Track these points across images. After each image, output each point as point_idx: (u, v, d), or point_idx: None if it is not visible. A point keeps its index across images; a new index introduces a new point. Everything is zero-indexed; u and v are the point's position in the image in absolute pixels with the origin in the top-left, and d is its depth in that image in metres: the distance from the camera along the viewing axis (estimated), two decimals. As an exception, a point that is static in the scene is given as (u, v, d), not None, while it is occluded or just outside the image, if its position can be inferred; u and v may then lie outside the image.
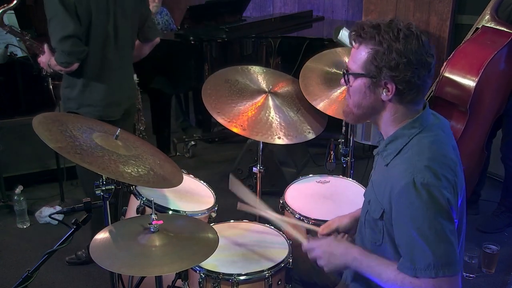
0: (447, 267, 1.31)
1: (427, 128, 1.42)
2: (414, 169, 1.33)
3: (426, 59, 1.36)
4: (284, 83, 2.40)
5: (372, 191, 1.51)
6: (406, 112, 1.43)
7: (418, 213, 1.31)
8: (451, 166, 1.37)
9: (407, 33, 1.34)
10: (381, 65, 1.36)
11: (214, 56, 3.87)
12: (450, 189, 1.34)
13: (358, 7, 4.94)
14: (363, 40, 1.39)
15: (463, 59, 2.76)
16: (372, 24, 1.38)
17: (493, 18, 2.82)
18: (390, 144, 1.45)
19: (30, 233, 3.20)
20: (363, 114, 1.48)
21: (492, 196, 3.40)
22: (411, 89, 1.38)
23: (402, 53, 1.33)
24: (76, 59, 2.33)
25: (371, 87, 1.41)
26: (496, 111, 2.87)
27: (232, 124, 2.13)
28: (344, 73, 1.47)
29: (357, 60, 1.41)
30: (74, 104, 2.47)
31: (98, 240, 1.54)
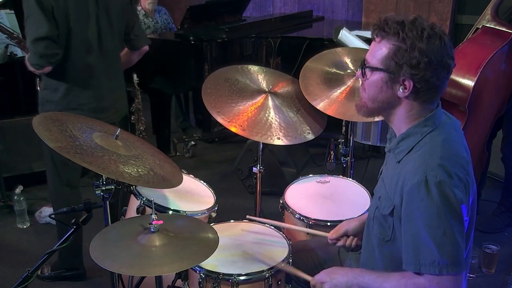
0: (452, 266, 1.31)
1: (439, 126, 1.43)
2: (426, 167, 1.34)
3: (447, 61, 1.37)
4: (284, 83, 2.40)
5: (383, 187, 1.51)
6: (420, 111, 1.43)
7: (428, 211, 1.32)
8: (463, 165, 1.38)
9: (431, 33, 1.35)
10: (401, 62, 1.36)
11: (214, 56, 3.87)
12: (462, 187, 1.35)
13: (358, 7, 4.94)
14: (386, 35, 1.38)
15: (462, 58, 2.76)
16: (397, 20, 1.38)
17: (494, 18, 2.82)
18: (403, 141, 1.46)
19: (30, 233, 3.20)
20: (377, 108, 1.48)
21: (492, 196, 3.40)
22: (428, 88, 1.38)
23: (425, 52, 1.34)
24: (48, 62, 2.26)
25: (389, 82, 1.41)
26: (496, 112, 2.87)
27: (231, 124, 2.13)
28: (362, 66, 1.46)
29: (377, 55, 1.41)
30: (56, 107, 2.40)
31: (98, 240, 1.54)
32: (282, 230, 2.03)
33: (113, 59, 2.51)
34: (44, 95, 2.44)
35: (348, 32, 3.18)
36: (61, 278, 2.71)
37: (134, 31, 2.57)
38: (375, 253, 1.55)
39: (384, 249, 1.51)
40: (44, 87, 2.43)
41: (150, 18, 4.47)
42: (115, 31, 2.46)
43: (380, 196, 1.51)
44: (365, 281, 1.46)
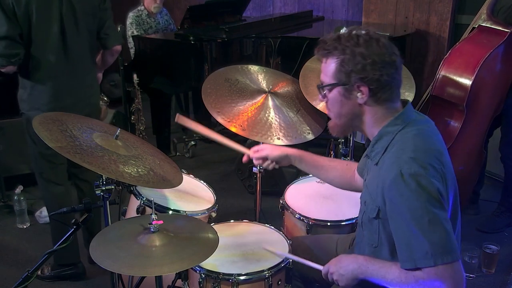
0: (445, 255, 1.33)
1: (410, 124, 1.48)
2: (400, 162, 1.38)
3: (390, 58, 1.45)
4: (284, 83, 2.40)
5: (367, 192, 1.54)
6: (385, 112, 1.49)
7: (409, 203, 1.34)
8: (437, 156, 1.41)
9: (366, 38, 1.44)
10: (349, 70, 1.44)
11: (214, 56, 3.87)
12: (438, 177, 1.37)
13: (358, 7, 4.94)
14: (329, 53, 1.48)
15: (459, 58, 2.77)
16: (333, 37, 1.48)
17: (489, 17, 2.83)
18: (377, 144, 1.51)
19: (30, 233, 3.20)
20: (347, 122, 1.55)
21: (492, 196, 3.40)
22: (383, 87, 1.45)
23: (365, 55, 1.42)
24: (8, 62, 2.26)
25: (346, 93, 1.48)
26: (494, 110, 2.87)
27: (231, 124, 2.13)
28: (319, 88, 1.54)
29: (328, 72, 1.50)
30: (25, 106, 2.44)
31: (98, 240, 1.54)
32: (282, 229, 2.04)
33: (78, 58, 2.46)
34: (19, 93, 2.49)
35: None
36: (61, 277, 2.71)
37: (104, 30, 2.54)
38: None
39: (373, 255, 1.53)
40: (20, 86, 2.47)
41: (152, 18, 4.48)
42: (83, 30, 2.43)
43: (366, 201, 1.55)
44: (369, 271, 1.48)
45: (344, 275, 1.52)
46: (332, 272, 1.57)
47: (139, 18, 4.40)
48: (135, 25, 4.36)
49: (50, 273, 2.70)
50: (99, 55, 2.68)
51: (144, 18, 4.42)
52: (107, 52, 2.64)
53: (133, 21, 4.36)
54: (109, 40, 2.58)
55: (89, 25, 2.46)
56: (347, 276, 1.52)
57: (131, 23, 4.36)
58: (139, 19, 4.39)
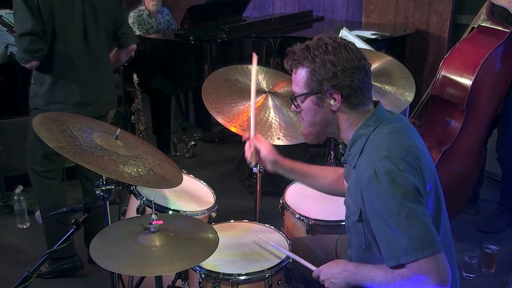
0: (425, 248, 1.33)
1: (382, 123, 1.49)
2: (373, 161, 1.39)
3: (360, 63, 1.46)
4: (284, 83, 2.40)
5: (349, 196, 1.55)
6: (358, 116, 1.50)
7: (385, 201, 1.35)
8: (411, 151, 1.41)
9: (335, 45, 1.45)
10: (320, 78, 1.45)
11: (214, 56, 3.87)
12: (414, 172, 1.38)
13: (358, 7, 4.94)
14: (298, 63, 1.49)
15: (459, 58, 2.77)
16: (301, 47, 1.49)
17: (489, 17, 2.83)
18: (352, 148, 1.52)
19: (30, 233, 3.20)
20: (320, 130, 1.56)
21: (492, 196, 3.40)
22: (354, 92, 1.46)
23: (335, 62, 1.44)
24: (33, 57, 2.31)
25: (319, 101, 1.50)
26: (493, 110, 2.87)
27: (231, 124, 2.13)
28: (292, 98, 1.55)
29: (299, 82, 1.51)
30: (42, 101, 2.46)
31: (98, 240, 1.54)
32: (281, 229, 2.04)
33: (99, 55, 2.55)
34: (33, 89, 2.50)
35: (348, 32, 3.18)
36: (60, 271, 2.71)
37: (121, 29, 2.64)
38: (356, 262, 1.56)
39: (363, 257, 1.54)
40: (34, 82, 2.49)
41: (153, 18, 4.48)
42: (102, 29, 2.52)
43: (349, 204, 1.56)
44: (360, 278, 1.48)
45: (336, 283, 1.53)
46: (323, 280, 1.57)
47: (140, 18, 4.40)
48: (137, 24, 4.36)
49: (48, 269, 2.70)
50: (112, 54, 2.75)
51: (145, 18, 4.43)
52: (123, 50, 2.73)
53: (135, 21, 4.36)
54: (126, 39, 2.69)
55: (107, 24, 2.55)
56: (339, 285, 1.52)
57: (132, 23, 4.36)
58: (140, 19, 4.40)
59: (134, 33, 4.30)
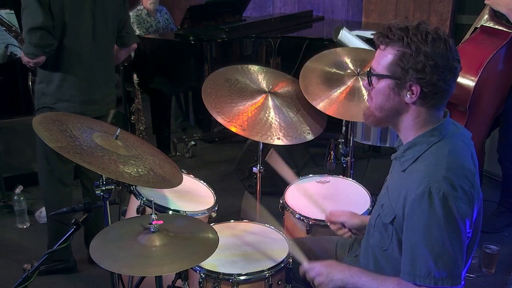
0: (447, 279, 1.31)
1: (446, 136, 1.42)
2: (431, 178, 1.33)
3: (453, 64, 1.37)
4: (284, 83, 2.40)
5: (387, 196, 1.50)
6: (428, 118, 1.43)
7: (429, 223, 1.31)
8: (468, 177, 1.37)
9: (435, 37, 1.35)
10: (407, 67, 1.36)
11: (214, 56, 3.87)
12: (466, 200, 1.33)
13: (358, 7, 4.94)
14: (390, 41, 1.39)
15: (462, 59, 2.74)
16: (400, 26, 1.38)
17: (492, 17, 2.82)
18: (409, 151, 1.45)
19: (30, 233, 3.20)
20: (385, 117, 1.47)
21: (492, 196, 3.40)
22: (436, 92, 1.38)
23: (430, 55, 1.34)
24: (43, 52, 2.32)
25: (396, 89, 1.40)
26: (495, 111, 2.87)
27: (231, 124, 2.13)
28: (368, 74, 1.46)
29: (383, 61, 1.41)
30: (50, 99, 2.46)
31: (98, 240, 1.54)
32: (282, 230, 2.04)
33: (106, 53, 2.60)
34: (39, 88, 2.50)
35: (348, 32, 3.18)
36: (53, 271, 2.71)
37: (125, 29, 2.68)
38: (372, 260, 1.55)
39: (381, 257, 1.51)
40: (39, 81, 2.49)
41: (152, 17, 4.48)
42: (110, 27, 2.55)
43: (383, 204, 1.51)
44: (361, 282, 1.46)
45: (334, 281, 1.51)
46: (320, 274, 1.55)
47: (139, 17, 4.40)
48: (136, 24, 4.36)
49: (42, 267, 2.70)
50: None
51: (144, 17, 4.43)
52: (125, 49, 2.77)
53: (134, 20, 4.36)
54: (129, 38, 2.73)
55: (114, 23, 2.58)
56: (336, 283, 1.51)
57: (132, 23, 4.35)
58: (139, 18, 4.40)
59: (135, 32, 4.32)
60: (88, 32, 2.45)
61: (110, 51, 2.63)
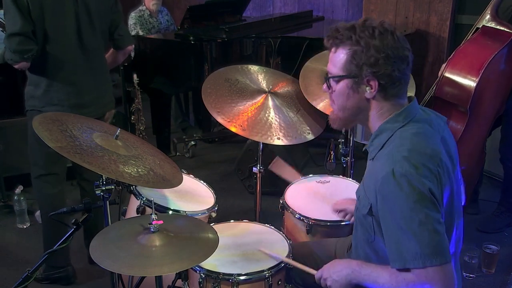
0: (434, 257, 1.31)
1: (412, 121, 1.44)
2: (393, 160, 1.35)
3: (404, 53, 1.40)
4: (284, 83, 2.40)
5: (362, 187, 1.53)
6: (391, 108, 1.46)
7: (399, 203, 1.32)
8: (433, 157, 1.37)
9: (382, 30, 1.39)
10: (361, 63, 1.39)
11: (214, 56, 3.87)
12: (432, 178, 1.34)
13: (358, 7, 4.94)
14: (340, 42, 1.43)
15: (463, 59, 2.75)
16: (347, 26, 1.42)
17: (494, 18, 2.81)
18: (376, 139, 1.48)
19: (30, 233, 3.20)
20: (350, 116, 1.51)
21: (492, 196, 3.40)
22: (393, 83, 1.41)
23: (380, 48, 1.37)
24: (22, 58, 2.28)
25: (354, 86, 1.44)
26: (496, 111, 2.87)
27: (231, 124, 2.13)
28: (326, 78, 1.49)
29: (337, 63, 1.45)
30: (39, 103, 2.44)
31: (98, 240, 1.54)
32: (281, 229, 2.04)
33: (95, 56, 2.53)
34: (28, 90, 2.48)
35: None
36: (51, 279, 2.71)
37: (118, 31, 2.62)
38: (362, 253, 1.56)
39: (369, 250, 1.52)
40: (28, 83, 2.47)
41: (154, 18, 4.48)
42: (97, 29, 2.49)
43: (359, 195, 1.53)
44: (361, 276, 1.47)
45: (338, 281, 1.51)
46: (326, 278, 1.55)
47: (141, 18, 4.40)
48: (139, 25, 4.37)
49: (42, 275, 2.70)
50: (108, 54, 2.73)
51: (146, 18, 4.43)
52: (120, 52, 2.72)
53: (137, 21, 4.37)
54: (123, 40, 2.67)
55: (102, 25, 2.53)
56: (341, 282, 1.51)
57: (134, 23, 4.36)
58: (142, 19, 4.40)
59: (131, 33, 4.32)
60: (72, 35, 2.39)
61: (99, 54, 2.57)
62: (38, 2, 2.27)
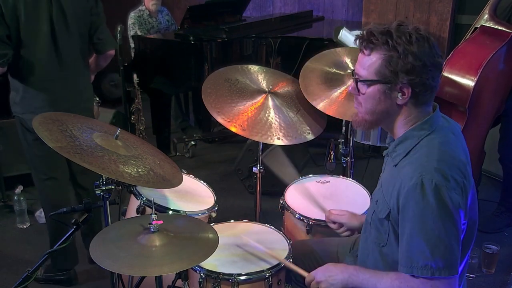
0: (444, 270, 1.32)
1: (437, 130, 1.43)
2: (422, 170, 1.34)
3: (438, 60, 1.39)
4: (284, 83, 2.40)
5: (381, 191, 1.51)
6: (418, 114, 1.44)
7: (423, 214, 1.32)
8: (460, 168, 1.38)
9: (418, 37, 1.36)
10: (397, 70, 1.37)
11: (214, 56, 3.87)
12: (459, 190, 1.34)
13: (358, 7, 4.94)
14: (375, 46, 1.39)
15: (462, 59, 2.76)
16: (381, 30, 1.39)
17: (492, 17, 2.82)
18: (400, 145, 1.46)
19: (30, 233, 3.20)
20: (377, 120, 1.48)
21: (492, 196, 3.40)
22: (426, 90, 1.39)
23: (417, 56, 1.35)
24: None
25: (387, 92, 1.41)
26: (495, 111, 2.87)
27: (231, 124, 2.13)
28: (357, 81, 1.46)
29: (369, 67, 1.41)
30: (20, 109, 2.41)
31: (98, 240, 1.54)
32: (281, 229, 2.04)
33: (71, 61, 2.44)
34: (11, 96, 2.45)
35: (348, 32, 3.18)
36: (52, 281, 2.70)
37: (97, 35, 2.51)
38: (371, 257, 1.56)
39: (378, 254, 1.52)
40: (11, 89, 2.43)
41: (154, 18, 4.48)
42: (74, 33, 2.40)
43: (378, 200, 1.52)
44: (359, 280, 1.46)
45: (334, 285, 1.51)
46: (320, 281, 1.55)
47: (140, 18, 4.40)
48: (138, 25, 4.36)
49: (42, 275, 2.69)
50: (91, 58, 2.64)
51: (145, 18, 4.43)
52: (101, 56, 2.61)
53: (135, 21, 4.36)
54: (103, 45, 2.56)
55: (80, 28, 2.44)
56: (337, 286, 1.51)
57: (133, 23, 4.36)
58: (141, 19, 4.40)
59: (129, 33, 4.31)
60: (46, 39, 2.32)
61: (75, 58, 2.46)
62: (12, 6, 2.21)
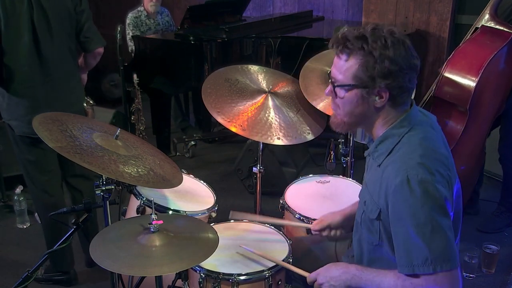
0: (444, 262, 1.32)
1: (416, 125, 1.44)
2: (407, 167, 1.35)
3: (414, 62, 1.39)
4: (284, 83, 2.40)
5: (367, 192, 1.52)
6: (396, 114, 1.45)
7: (413, 209, 1.33)
8: (443, 161, 1.39)
9: (394, 40, 1.36)
10: (374, 75, 1.37)
11: (214, 56, 3.87)
12: (445, 183, 1.35)
13: (358, 7, 4.94)
14: (351, 51, 1.39)
15: (462, 59, 2.75)
16: (356, 34, 1.39)
17: (493, 17, 2.81)
18: (381, 145, 1.47)
19: (30, 233, 3.20)
20: (356, 122, 1.50)
21: (492, 196, 3.40)
22: (403, 92, 1.40)
23: (393, 60, 1.35)
24: None
25: (364, 96, 1.42)
26: (496, 111, 2.87)
27: (231, 124, 2.13)
28: (334, 86, 1.46)
29: (346, 71, 1.41)
30: (7, 115, 2.38)
31: (98, 240, 1.54)
32: (281, 229, 2.04)
33: (56, 65, 2.39)
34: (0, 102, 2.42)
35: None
36: (52, 281, 2.71)
37: (84, 33, 2.46)
38: (366, 257, 1.56)
39: (373, 253, 1.52)
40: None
41: (152, 19, 4.47)
42: (57, 35, 2.35)
43: (365, 200, 1.52)
44: (362, 281, 1.46)
45: (337, 286, 1.50)
46: (322, 283, 1.54)
47: (137, 19, 4.39)
48: (132, 26, 4.36)
49: (42, 275, 2.69)
50: (81, 57, 2.60)
51: (143, 19, 4.42)
52: (89, 55, 2.56)
53: (131, 22, 4.36)
54: (90, 43, 2.50)
55: (66, 28, 2.39)
56: (338, 284, 1.50)
57: (128, 24, 4.36)
58: (137, 20, 4.39)
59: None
60: (27, 46, 2.27)
61: (62, 62, 2.40)
62: None
